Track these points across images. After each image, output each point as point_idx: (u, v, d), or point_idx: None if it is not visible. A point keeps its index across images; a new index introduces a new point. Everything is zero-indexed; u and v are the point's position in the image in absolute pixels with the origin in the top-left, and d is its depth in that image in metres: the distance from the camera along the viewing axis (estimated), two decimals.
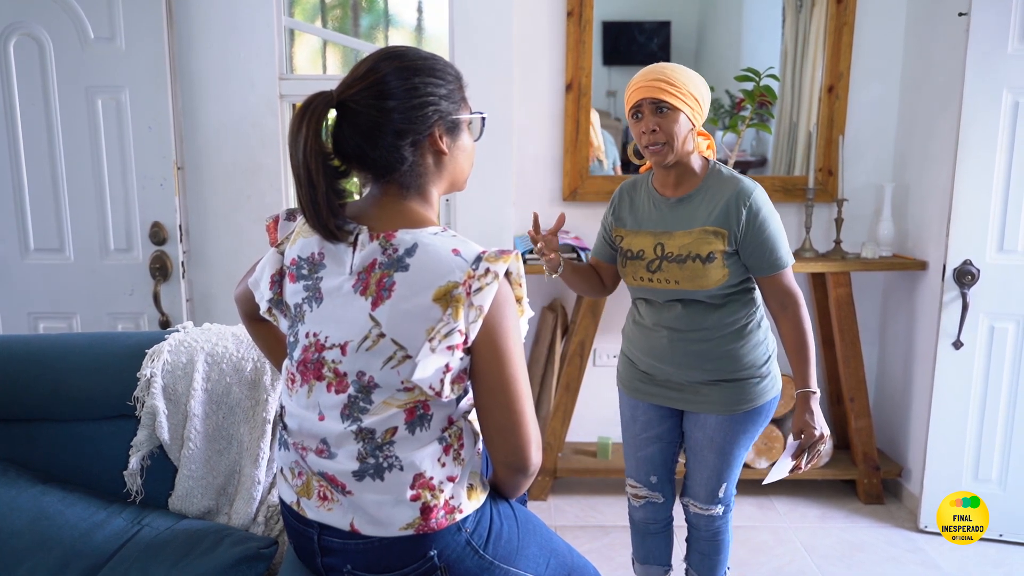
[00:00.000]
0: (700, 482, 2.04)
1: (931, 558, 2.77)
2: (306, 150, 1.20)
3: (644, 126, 1.85)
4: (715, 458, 1.99)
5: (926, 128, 3.05)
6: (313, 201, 1.22)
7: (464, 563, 1.30)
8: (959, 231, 2.75)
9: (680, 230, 1.89)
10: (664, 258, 1.90)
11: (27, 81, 2.69)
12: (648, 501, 2.13)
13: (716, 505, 2.05)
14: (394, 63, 1.25)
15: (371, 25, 3.41)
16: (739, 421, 1.95)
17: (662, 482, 2.11)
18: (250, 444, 1.86)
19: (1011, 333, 2.77)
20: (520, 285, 1.28)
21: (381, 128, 1.23)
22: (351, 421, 1.25)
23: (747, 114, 3.05)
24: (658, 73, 1.83)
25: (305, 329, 1.31)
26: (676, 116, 1.82)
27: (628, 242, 1.98)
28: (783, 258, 1.87)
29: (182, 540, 1.67)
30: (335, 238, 1.26)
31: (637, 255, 1.95)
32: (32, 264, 2.80)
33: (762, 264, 1.87)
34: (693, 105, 1.84)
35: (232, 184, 2.96)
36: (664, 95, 1.81)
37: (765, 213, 1.85)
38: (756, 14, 3.44)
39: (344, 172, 1.28)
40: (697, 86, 1.85)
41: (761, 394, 1.95)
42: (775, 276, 1.88)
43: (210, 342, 1.90)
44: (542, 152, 3.27)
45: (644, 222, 1.96)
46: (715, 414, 1.95)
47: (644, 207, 1.97)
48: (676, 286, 1.90)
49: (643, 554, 2.20)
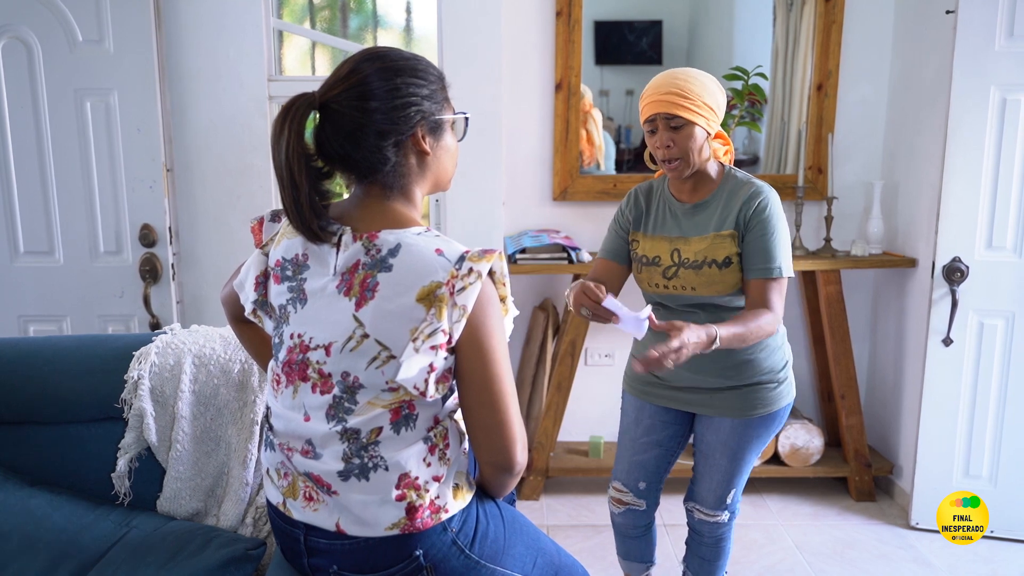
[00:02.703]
0: (709, 487, 2.02)
1: (922, 555, 2.77)
2: (288, 152, 1.19)
3: (659, 141, 1.81)
4: (727, 463, 1.97)
5: (915, 125, 3.06)
6: (296, 202, 1.22)
7: (450, 563, 1.30)
8: (948, 228, 2.75)
9: (696, 235, 1.86)
10: (681, 264, 1.87)
11: (15, 84, 2.69)
12: (629, 508, 2.10)
13: (723, 511, 2.04)
14: (376, 64, 1.25)
15: (360, 26, 3.41)
16: (754, 426, 1.93)
17: (649, 490, 2.08)
18: (238, 445, 1.86)
19: (1000, 329, 2.78)
20: (504, 284, 1.29)
21: (364, 129, 1.23)
22: (336, 422, 1.26)
23: (737, 113, 3.05)
24: (671, 86, 1.78)
25: (290, 330, 1.31)
26: (691, 131, 1.78)
27: (644, 247, 1.94)
28: (778, 265, 1.79)
29: (170, 542, 1.67)
30: (318, 239, 1.26)
31: (653, 261, 1.91)
32: (22, 267, 2.80)
33: (754, 263, 1.80)
34: (708, 115, 1.79)
35: (221, 185, 2.96)
36: (678, 110, 1.76)
37: (772, 213, 1.80)
38: (747, 13, 3.45)
39: (327, 173, 1.28)
40: (713, 93, 1.81)
41: (777, 399, 1.93)
42: (763, 281, 1.79)
43: (197, 344, 1.90)
44: (532, 152, 3.27)
45: (660, 227, 1.93)
46: (731, 418, 1.92)
47: (660, 212, 1.94)
48: (693, 292, 1.87)
49: (624, 551, 2.20)
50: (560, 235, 3.16)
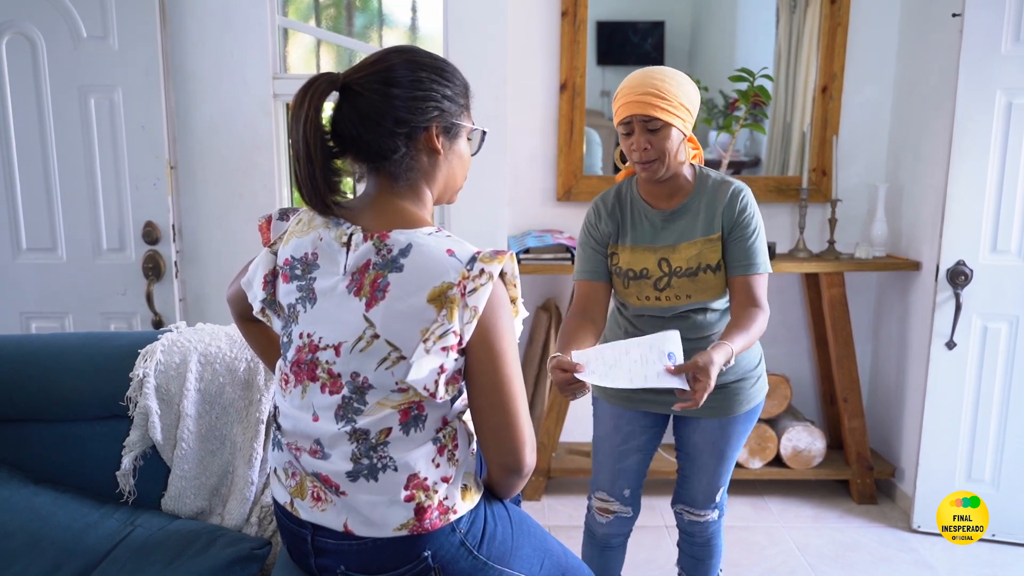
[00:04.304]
0: (699, 488, 2.02)
1: (924, 558, 2.77)
2: (306, 126, 1.21)
3: (635, 143, 1.75)
4: (715, 462, 1.97)
5: (920, 129, 3.06)
6: (311, 176, 1.23)
7: (458, 564, 1.30)
8: (952, 232, 2.75)
9: (683, 242, 1.82)
10: (673, 274, 1.82)
11: (19, 80, 2.68)
12: (617, 516, 2.06)
13: (713, 510, 2.04)
14: (405, 56, 1.27)
15: (365, 25, 3.40)
16: (738, 423, 1.94)
17: (633, 496, 2.06)
18: (243, 444, 1.85)
19: (1004, 333, 2.78)
20: (515, 286, 1.28)
21: (382, 113, 1.24)
22: (345, 422, 1.25)
23: (741, 114, 3.05)
24: (648, 86, 1.72)
25: (299, 330, 1.30)
26: (668, 132, 1.73)
27: (626, 260, 1.87)
28: (760, 262, 1.80)
29: (175, 541, 1.67)
30: (331, 212, 1.28)
31: (641, 274, 1.85)
32: (24, 264, 2.79)
33: (738, 261, 1.80)
34: (684, 116, 1.74)
35: (225, 184, 2.95)
36: (654, 111, 1.70)
37: (753, 210, 1.81)
38: (750, 14, 3.45)
39: (338, 153, 1.29)
40: (688, 93, 1.75)
41: (757, 395, 1.94)
42: (747, 278, 1.80)
43: (203, 342, 1.90)
44: (536, 152, 3.27)
45: (641, 238, 1.86)
46: (716, 418, 1.92)
47: (638, 222, 1.87)
48: (688, 300, 1.84)
49: (598, 568, 2.13)
50: (564, 235, 3.16)
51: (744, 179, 3.30)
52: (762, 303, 1.80)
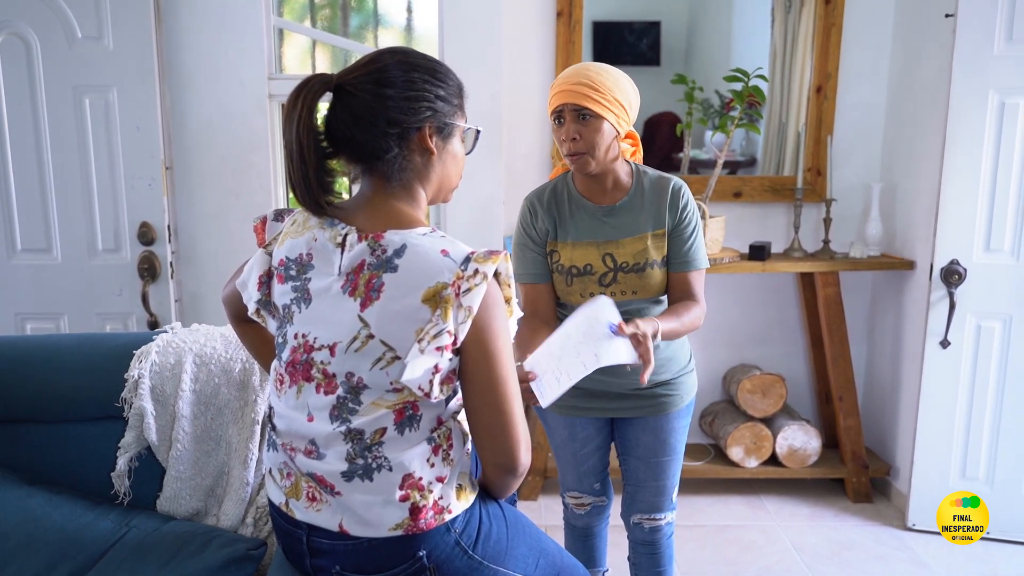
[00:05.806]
0: (654, 490, 1.99)
1: (919, 556, 2.78)
2: (299, 126, 1.22)
3: (565, 133, 1.73)
4: (669, 459, 1.97)
5: (913, 128, 3.07)
6: (305, 177, 1.24)
7: (453, 563, 1.30)
8: (946, 231, 2.76)
9: (628, 237, 1.81)
10: (619, 269, 1.81)
11: (14, 80, 2.68)
12: (594, 505, 2.09)
13: (669, 511, 2.02)
14: (398, 57, 1.28)
15: (360, 25, 3.40)
16: (681, 417, 1.95)
17: (603, 485, 2.08)
18: (239, 445, 1.85)
19: (998, 332, 2.79)
20: (509, 286, 1.29)
21: (375, 114, 1.24)
22: (340, 422, 1.26)
23: (736, 114, 3.06)
24: (582, 76, 1.71)
25: (294, 330, 1.31)
26: (599, 124, 1.71)
27: (568, 257, 1.84)
28: (700, 257, 1.83)
29: (170, 542, 1.67)
30: (325, 213, 1.28)
31: (585, 270, 1.82)
32: (19, 264, 2.78)
33: (681, 256, 1.82)
34: (619, 112, 1.73)
35: (221, 184, 2.95)
36: (587, 101, 1.69)
37: (692, 207, 1.83)
38: (745, 15, 3.45)
39: (331, 154, 1.29)
40: (624, 90, 1.74)
41: (692, 388, 1.97)
42: (687, 274, 1.83)
43: (198, 343, 1.90)
44: (532, 151, 3.27)
45: (582, 233, 1.83)
46: (661, 414, 1.92)
47: (578, 217, 1.84)
48: (633, 296, 1.84)
49: (586, 556, 2.16)
50: None
51: (740, 179, 3.32)
52: (700, 297, 1.84)
